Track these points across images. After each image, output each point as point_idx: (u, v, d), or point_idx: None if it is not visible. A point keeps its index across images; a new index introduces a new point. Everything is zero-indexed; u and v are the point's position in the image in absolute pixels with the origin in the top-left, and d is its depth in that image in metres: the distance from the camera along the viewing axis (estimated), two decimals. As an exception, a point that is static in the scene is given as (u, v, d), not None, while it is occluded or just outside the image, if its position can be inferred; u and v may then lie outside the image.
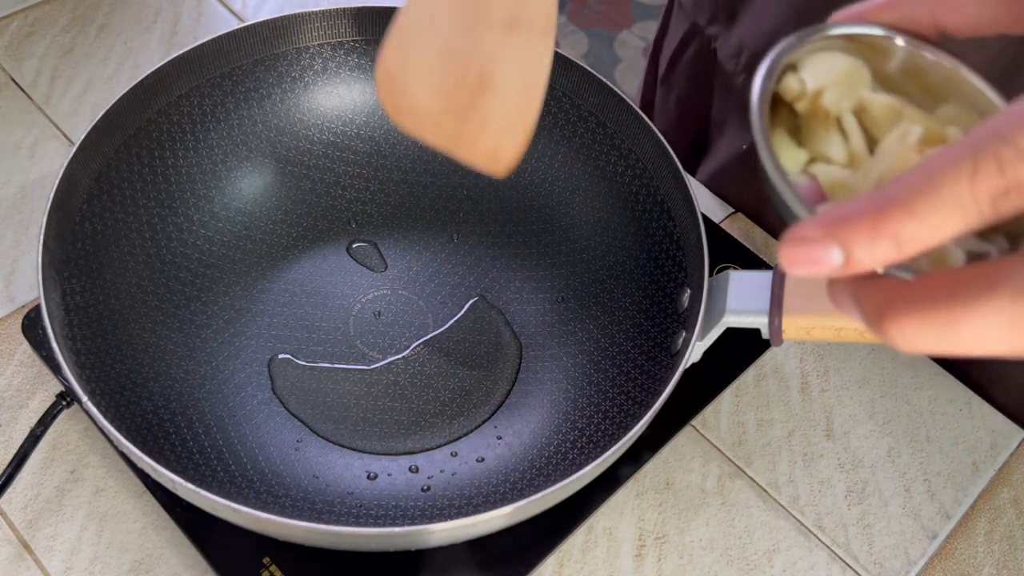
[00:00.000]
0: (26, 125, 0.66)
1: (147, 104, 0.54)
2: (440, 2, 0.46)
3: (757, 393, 0.58)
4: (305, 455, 0.51)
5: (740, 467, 0.55)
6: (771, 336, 0.46)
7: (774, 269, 0.47)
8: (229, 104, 0.58)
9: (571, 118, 0.59)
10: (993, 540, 0.53)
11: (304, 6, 0.58)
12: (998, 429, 0.57)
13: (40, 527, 0.50)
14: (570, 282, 0.58)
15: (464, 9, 0.46)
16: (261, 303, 0.57)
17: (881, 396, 0.58)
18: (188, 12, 0.75)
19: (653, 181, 0.56)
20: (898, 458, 0.56)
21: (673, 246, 0.54)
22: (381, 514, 0.49)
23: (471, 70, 0.46)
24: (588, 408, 0.53)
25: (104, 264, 0.52)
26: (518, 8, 0.45)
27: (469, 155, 0.48)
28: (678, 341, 0.50)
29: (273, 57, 0.58)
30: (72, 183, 0.50)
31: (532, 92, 0.47)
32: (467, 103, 0.47)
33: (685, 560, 0.51)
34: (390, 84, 0.47)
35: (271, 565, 0.47)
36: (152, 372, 0.51)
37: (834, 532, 0.53)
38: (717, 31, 0.68)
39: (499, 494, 0.50)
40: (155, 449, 0.47)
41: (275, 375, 0.54)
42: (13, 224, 0.61)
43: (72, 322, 0.48)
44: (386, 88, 0.47)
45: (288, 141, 0.60)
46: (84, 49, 0.71)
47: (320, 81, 0.60)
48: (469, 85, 0.47)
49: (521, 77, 0.47)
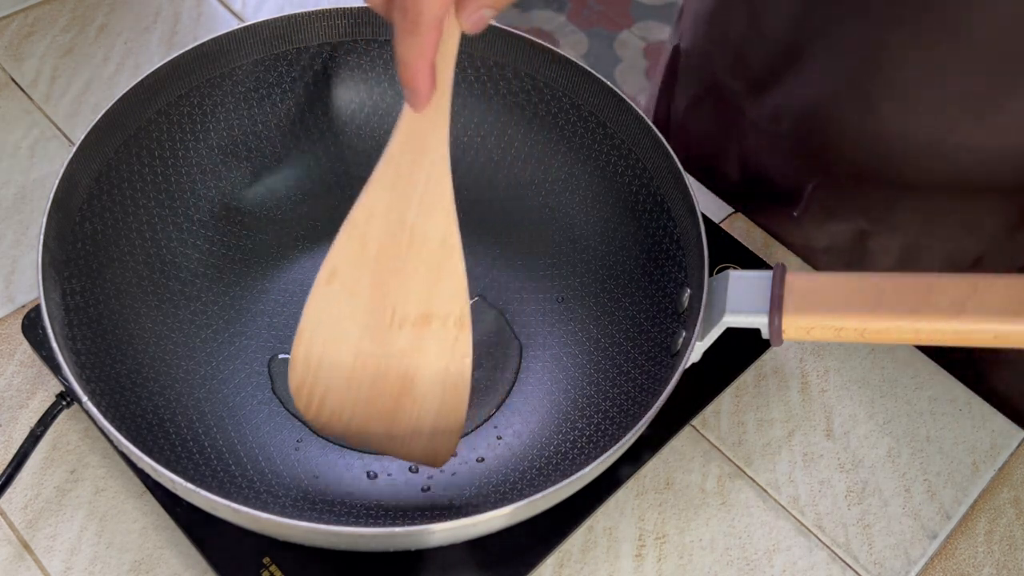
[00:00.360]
0: (26, 125, 0.66)
1: (147, 104, 0.54)
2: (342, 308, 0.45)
3: (757, 393, 0.58)
4: (305, 455, 0.51)
5: (740, 467, 0.55)
6: (771, 336, 0.46)
7: (774, 269, 0.47)
8: (229, 104, 0.58)
9: (571, 118, 0.59)
10: (993, 540, 0.53)
11: (304, 6, 0.58)
12: (998, 429, 0.57)
13: (40, 527, 0.50)
14: (570, 282, 0.58)
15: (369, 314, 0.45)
16: (261, 303, 0.57)
17: (881, 396, 0.58)
18: (188, 12, 0.75)
19: (653, 181, 0.56)
20: (898, 458, 0.56)
21: (673, 246, 0.54)
22: (381, 514, 0.49)
23: (388, 376, 0.45)
24: (588, 408, 0.53)
25: (104, 264, 0.52)
26: (428, 304, 0.44)
27: (405, 456, 0.48)
28: (678, 341, 0.50)
29: (273, 57, 0.58)
30: (72, 183, 0.50)
31: (458, 386, 0.46)
32: (391, 408, 0.46)
33: (685, 560, 0.51)
34: (308, 397, 0.46)
35: (271, 565, 0.47)
36: (152, 372, 0.51)
37: (834, 532, 0.53)
38: (742, 88, 0.67)
39: (499, 494, 0.50)
40: (155, 449, 0.47)
41: (275, 375, 0.54)
42: (13, 224, 0.61)
43: (72, 322, 0.48)
44: (304, 401, 0.47)
45: (288, 141, 0.60)
46: (84, 49, 0.71)
47: (320, 81, 0.60)
48: (389, 392, 0.45)
49: (443, 372, 0.45)
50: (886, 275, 0.45)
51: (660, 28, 2.03)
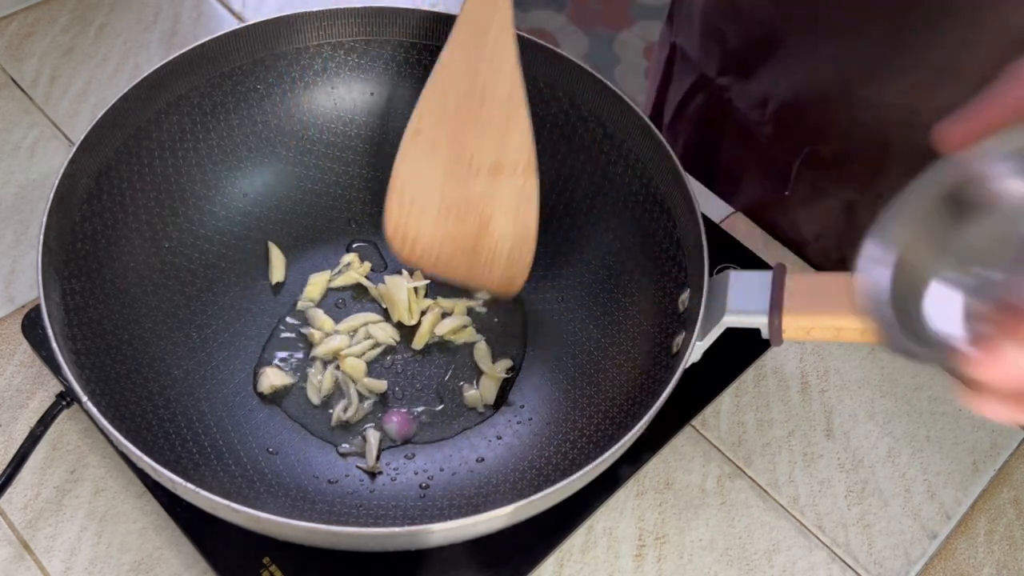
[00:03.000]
0: (26, 125, 0.66)
1: (147, 104, 0.54)
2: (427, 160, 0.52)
3: (757, 393, 0.58)
4: (305, 455, 0.51)
5: (740, 467, 0.55)
6: (771, 336, 0.46)
7: (774, 269, 0.47)
8: (229, 104, 0.58)
9: (571, 118, 0.59)
10: (993, 540, 0.53)
11: (304, 6, 0.58)
12: (998, 429, 0.57)
13: (40, 527, 0.50)
14: (570, 282, 0.58)
15: (450, 164, 0.51)
16: (261, 303, 0.57)
17: (881, 396, 0.58)
18: (188, 12, 0.75)
19: (653, 181, 0.56)
20: (898, 458, 0.56)
21: (673, 246, 0.54)
22: (381, 514, 0.49)
23: (470, 215, 0.52)
24: (588, 408, 0.53)
25: (104, 264, 0.52)
26: (499, 154, 0.51)
27: (484, 287, 0.54)
28: (678, 341, 0.50)
29: (273, 57, 0.58)
30: (72, 183, 0.50)
31: (527, 225, 0.53)
32: (473, 244, 0.53)
33: (685, 560, 0.51)
34: (402, 239, 0.54)
35: (271, 565, 0.47)
36: (152, 372, 0.51)
37: (834, 532, 0.53)
38: (729, 82, 0.68)
39: (499, 494, 0.50)
40: (155, 449, 0.47)
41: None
42: (13, 224, 0.61)
43: (72, 322, 0.48)
44: (399, 243, 0.54)
45: (288, 141, 0.60)
46: (84, 49, 0.71)
47: (320, 81, 0.60)
48: (471, 228, 0.53)
49: (515, 214, 0.52)
50: (886, 275, 0.45)
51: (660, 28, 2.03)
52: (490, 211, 0.52)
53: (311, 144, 0.60)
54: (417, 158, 0.52)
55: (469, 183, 0.52)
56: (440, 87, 0.51)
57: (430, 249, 0.54)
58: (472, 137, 0.51)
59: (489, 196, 0.52)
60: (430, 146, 0.52)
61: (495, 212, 0.52)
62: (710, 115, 0.72)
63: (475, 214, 0.52)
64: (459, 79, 0.51)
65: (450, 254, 0.54)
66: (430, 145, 0.52)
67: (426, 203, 0.53)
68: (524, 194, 0.52)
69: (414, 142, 0.52)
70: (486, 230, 0.52)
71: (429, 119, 0.52)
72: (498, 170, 0.51)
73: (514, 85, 0.50)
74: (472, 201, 0.52)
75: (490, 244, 0.53)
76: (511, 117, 0.51)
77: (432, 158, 0.52)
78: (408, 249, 0.54)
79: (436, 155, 0.52)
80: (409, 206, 0.53)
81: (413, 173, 0.52)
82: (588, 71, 0.57)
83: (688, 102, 0.74)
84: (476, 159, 0.51)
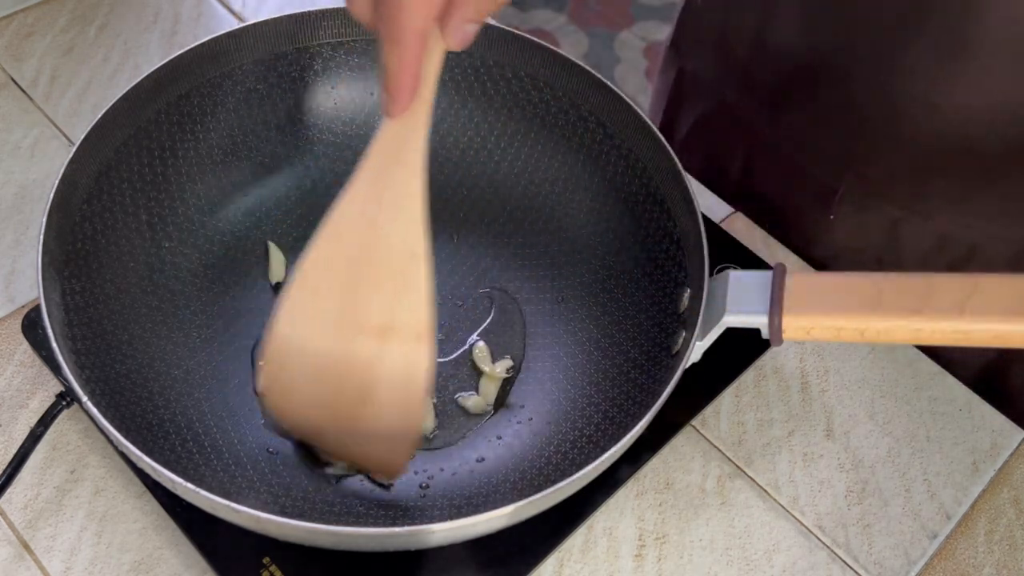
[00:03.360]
0: (26, 125, 0.66)
1: (147, 104, 0.54)
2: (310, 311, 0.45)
3: (757, 393, 0.58)
4: (305, 455, 0.51)
5: (740, 467, 0.55)
6: (771, 336, 0.46)
7: (774, 269, 0.47)
8: (229, 104, 0.58)
9: (571, 118, 0.59)
10: (993, 540, 0.53)
11: (304, 6, 0.58)
12: (998, 429, 0.57)
13: (40, 527, 0.50)
14: (570, 282, 0.58)
15: (335, 319, 0.45)
16: (261, 303, 0.57)
17: (881, 396, 0.58)
18: (188, 12, 0.75)
19: (653, 181, 0.56)
20: (898, 458, 0.56)
21: (673, 246, 0.54)
22: (381, 514, 0.49)
23: (351, 381, 0.46)
24: (588, 408, 0.53)
25: (104, 264, 0.52)
26: (391, 315, 0.44)
27: (361, 462, 0.49)
28: (678, 341, 0.50)
29: (273, 57, 0.58)
30: (72, 183, 0.50)
31: (413, 401, 0.46)
32: (350, 416, 0.46)
33: (685, 560, 0.51)
34: (277, 397, 0.48)
35: (271, 565, 0.47)
36: (152, 372, 0.51)
37: (834, 532, 0.53)
38: (756, 111, 0.66)
39: (499, 494, 0.50)
40: (155, 449, 0.47)
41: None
42: (13, 224, 0.61)
43: (72, 322, 0.48)
44: (273, 400, 0.48)
45: (288, 141, 0.60)
46: (84, 49, 0.71)
47: (320, 81, 0.60)
48: (350, 398, 0.46)
49: (401, 387, 0.45)
50: (886, 275, 0.45)
51: (660, 28, 2.03)
52: (374, 378, 0.45)
53: (311, 144, 0.60)
54: (303, 308, 0.45)
55: (355, 343, 0.45)
56: (335, 231, 0.44)
57: (305, 411, 0.48)
58: (363, 293, 0.44)
59: (375, 362, 0.45)
60: (318, 296, 0.45)
61: (379, 382, 0.45)
62: (732, 139, 0.70)
63: (358, 380, 0.45)
64: (356, 225, 0.44)
65: (327, 420, 0.47)
66: (319, 295, 0.45)
67: (306, 359, 0.46)
68: (414, 363, 0.44)
69: (301, 290, 0.45)
70: (367, 401, 0.46)
71: (320, 266, 0.45)
72: (387, 333, 0.44)
73: (417, 240, 0.43)
74: (356, 365, 0.45)
75: (371, 415, 0.46)
76: (410, 273, 0.44)
77: (319, 309, 0.45)
78: (282, 406, 0.48)
79: (323, 305, 0.45)
80: (286, 359, 0.46)
81: (297, 322, 0.46)
82: (588, 71, 0.57)
83: (706, 124, 0.72)
84: (364, 317, 0.44)
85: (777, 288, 0.46)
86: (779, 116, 0.66)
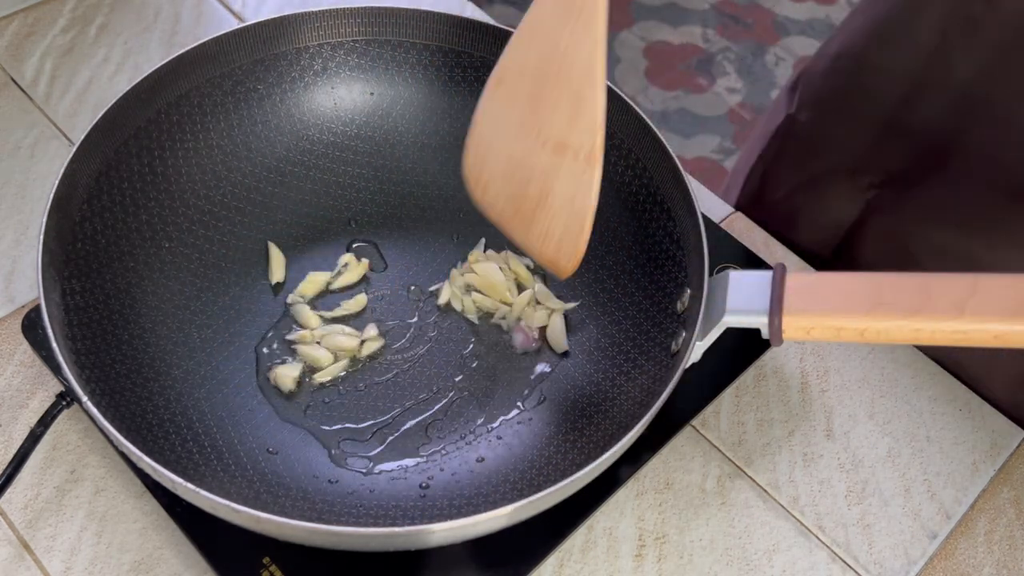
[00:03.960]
0: (26, 125, 0.66)
1: (147, 104, 0.54)
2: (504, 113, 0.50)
3: (757, 393, 0.58)
4: (305, 455, 0.51)
5: (740, 467, 0.55)
6: (771, 336, 0.46)
7: (774, 269, 0.47)
8: (229, 104, 0.58)
9: (571, 118, 0.59)
10: (993, 540, 0.53)
11: (304, 6, 0.58)
12: (998, 429, 0.57)
13: (40, 527, 0.50)
14: (570, 282, 0.58)
15: (522, 127, 0.49)
16: (261, 303, 0.57)
17: (881, 396, 0.58)
18: (188, 12, 0.75)
19: (653, 181, 0.56)
20: (898, 458, 0.56)
21: (673, 246, 0.54)
22: (381, 514, 0.49)
23: (531, 185, 0.50)
24: (588, 408, 0.53)
25: (104, 264, 0.52)
26: (565, 133, 0.48)
27: (536, 257, 0.52)
28: (678, 341, 0.50)
29: (273, 57, 0.58)
30: (72, 183, 0.50)
31: (582, 217, 0.49)
32: (530, 214, 0.50)
33: (685, 560, 0.51)
34: (475, 180, 0.52)
35: (271, 565, 0.47)
36: (152, 372, 0.51)
37: (834, 532, 0.53)
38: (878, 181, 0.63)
39: (499, 494, 0.50)
40: (155, 449, 0.47)
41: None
42: (13, 224, 0.61)
43: (72, 322, 0.48)
44: (472, 184, 0.53)
45: (288, 141, 0.60)
46: (84, 49, 0.71)
47: (320, 81, 0.60)
48: (530, 198, 0.50)
49: (571, 201, 0.49)
50: (886, 275, 0.45)
51: (660, 28, 2.03)
52: (549, 187, 0.49)
53: (311, 144, 0.60)
54: (496, 108, 0.50)
55: (535, 154, 0.49)
56: (525, 41, 0.48)
57: (496, 200, 0.52)
58: (544, 106, 0.48)
59: (550, 173, 0.49)
60: (508, 100, 0.50)
61: (553, 190, 0.49)
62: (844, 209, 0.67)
63: (537, 185, 0.50)
64: (543, 37, 0.47)
65: (512, 213, 0.51)
66: (509, 99, 0.50)
67: (499, 155, 0.51)
68: (582, 183, 0.48)
69: (496, 91, 0.50)
70: (544, 204, 0.50)
71: (511, 72, 0.49)
72: (562, 150, 0.48)
73: (595, 61, 0.47)
74: (535, 171, 0.49)
75: (545, 220, 0.50)
76: (584, 95, 0.47)
77: (508, 113, 0.50)
78: (480, 192, 0.52)
79: (512, 112, 0.50)
80: (485, 152, 0.51)
81: (491, 121, 0.51)
82: (588, 71, 0.57)
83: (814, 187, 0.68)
84: (544, 132, 0.48)
85: (777, 288, 0.46)
86: (905, 195, 0.62)
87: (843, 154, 0.66)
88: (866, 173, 0.65)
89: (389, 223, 0.61)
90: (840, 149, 0.66)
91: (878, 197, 0.64)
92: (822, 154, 0.67)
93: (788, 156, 0.71)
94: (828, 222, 0.68)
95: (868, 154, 0.64)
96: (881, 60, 0.61)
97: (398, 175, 0.61)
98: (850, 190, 0.66)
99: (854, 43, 0.63)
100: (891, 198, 0.64)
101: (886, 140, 0.62)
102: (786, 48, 2.03)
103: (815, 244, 0.69)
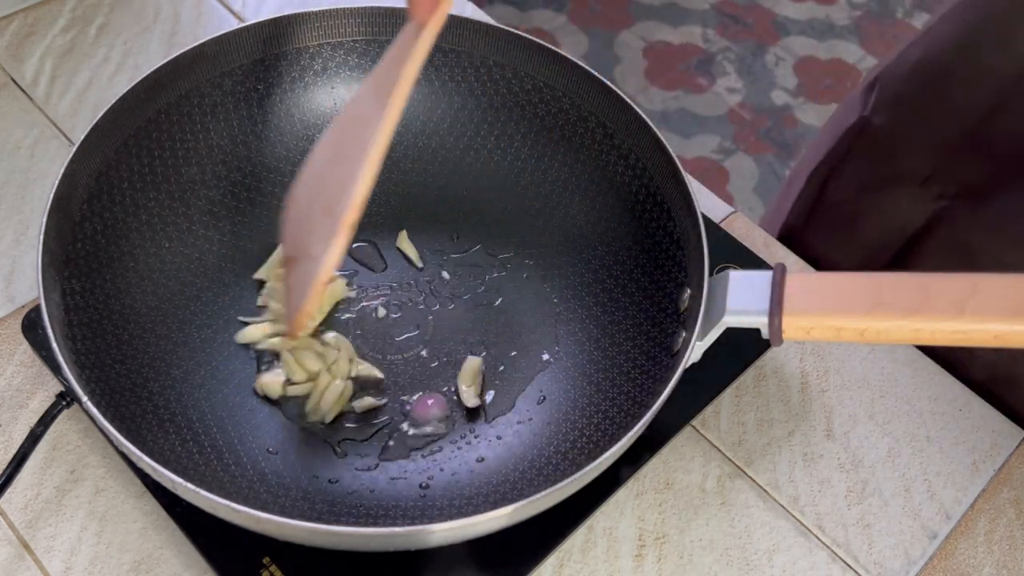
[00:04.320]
0: (26, 125, 0.66)
1: (147, 104, 0.54)
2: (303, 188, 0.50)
3: (757, 393, 0.58)
4: (305, 455, 0.51)
5: (740, 467, 0.55)
6: (771, 336, 0.46)
7: (774, 269, 0.47)
8: (229, 104, 0.58)
9: (571, 118, 0.59)
10: (993, 540, 0.53)
11: (304, 6, 0.58)
12: (998, 429, 0.57)
13: (40, 527, 0.50)
14: (570, 282, 0.58)
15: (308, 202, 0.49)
16: (261, 303, 0.57)
17: (881, 396, 0.58)
18: (188, 12, 0.75)
19: (653, 181, 0.56)
20: (898, 458, 0.56)
21: (673, 246, 0.54)
22: (381, 514, 0.49)
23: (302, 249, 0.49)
24: (588, 408, 0.53)
25: (104, 264, 0.52)
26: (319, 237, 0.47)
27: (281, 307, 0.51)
28: (678, 341, 0.50)
29: (273, 57, 0.58)
30: (72, 183, 0.50)
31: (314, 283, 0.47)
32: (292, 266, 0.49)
33: (685, 560, 0.51)
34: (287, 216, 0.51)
35: (271, 565, 0.47)
36: (152, 372, 0.51)
37: (834, 532, 0.53)
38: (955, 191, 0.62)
39: (499, 494, 0.50)
40: (155, 449, 0.47)
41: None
42: (13, 224, 0.61)
43: (72, 322, 0.48)
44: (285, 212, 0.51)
45: (288, 141, 0.60)
46: (84, 49, 0.71)
47: (320, 81, 0.60)
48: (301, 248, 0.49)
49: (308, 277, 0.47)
50: (885, 275, 0.45)
51: (660, 28, 2.03)
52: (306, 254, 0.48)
53: (311, 144, 0.60)
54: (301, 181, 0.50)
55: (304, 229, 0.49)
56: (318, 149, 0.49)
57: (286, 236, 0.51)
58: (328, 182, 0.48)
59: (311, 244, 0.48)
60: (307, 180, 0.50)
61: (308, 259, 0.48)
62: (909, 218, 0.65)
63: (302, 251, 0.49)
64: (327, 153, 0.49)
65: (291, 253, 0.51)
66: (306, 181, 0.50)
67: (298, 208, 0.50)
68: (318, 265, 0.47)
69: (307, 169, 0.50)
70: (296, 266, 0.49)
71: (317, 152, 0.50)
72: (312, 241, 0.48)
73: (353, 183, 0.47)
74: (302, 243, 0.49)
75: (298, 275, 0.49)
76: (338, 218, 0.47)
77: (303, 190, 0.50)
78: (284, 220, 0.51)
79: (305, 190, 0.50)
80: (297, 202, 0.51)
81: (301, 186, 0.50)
82: (588, 71, 0.57)
83: (881, 191, 0.66)
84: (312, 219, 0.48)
85: (777, 288, 0.46)
86: (981, 208, 0.61)
87: (917, 161, 0.64)
88: (938, 182, 0.63)
89: (389, 223, 0.61)
90: (915, 156, 0.64)
91: (948, 208, 0.63)
92: (894, 159, 0.65)
93: (857, 157, 0.68)
94: (891, 228, 0.66)
95: (944, 163, 0.62)
96: (970, 70, 0.59)
97: (398, 175, 0.61)
98: (919, 198, 0.64)
99: (942, 50, 0.62)
100: (963, 210, 0.62)
101: (965, 151, 0.61)
102: (786, 48, 2.03)
103: (874, 249, 0.67)
